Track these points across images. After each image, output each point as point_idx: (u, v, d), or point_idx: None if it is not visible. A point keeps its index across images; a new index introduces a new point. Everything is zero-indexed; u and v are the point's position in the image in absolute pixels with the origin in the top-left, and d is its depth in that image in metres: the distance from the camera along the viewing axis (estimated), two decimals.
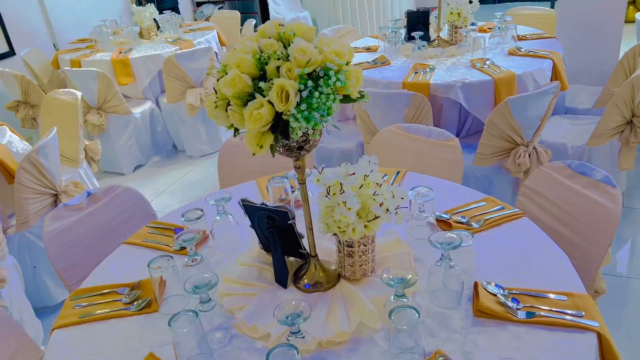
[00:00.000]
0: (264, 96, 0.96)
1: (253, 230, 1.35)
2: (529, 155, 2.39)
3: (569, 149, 2.60)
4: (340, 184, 1.19)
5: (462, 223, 1.46)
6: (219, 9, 6.58)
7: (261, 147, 0.98)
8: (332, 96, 0.96)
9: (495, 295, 1.17)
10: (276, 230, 1.28)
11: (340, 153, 2.92)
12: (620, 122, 2.47)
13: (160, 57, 3.87)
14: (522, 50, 2.85)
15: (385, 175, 1.80)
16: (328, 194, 1.22)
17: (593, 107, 2.99)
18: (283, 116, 0.95)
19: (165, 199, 3.65)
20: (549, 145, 2.62)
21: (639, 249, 2.58)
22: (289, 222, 1.25)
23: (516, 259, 1.31)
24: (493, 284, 1.20)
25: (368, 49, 3.25)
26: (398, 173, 1.80)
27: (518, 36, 3.05)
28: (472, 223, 1.46)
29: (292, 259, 1.36)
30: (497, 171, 2.52)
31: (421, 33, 2.98)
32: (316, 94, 0.94)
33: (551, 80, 2.70)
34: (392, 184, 1.75)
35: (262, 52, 1.01)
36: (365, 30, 5.93)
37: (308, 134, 1.05)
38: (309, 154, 1.14)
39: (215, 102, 1.03)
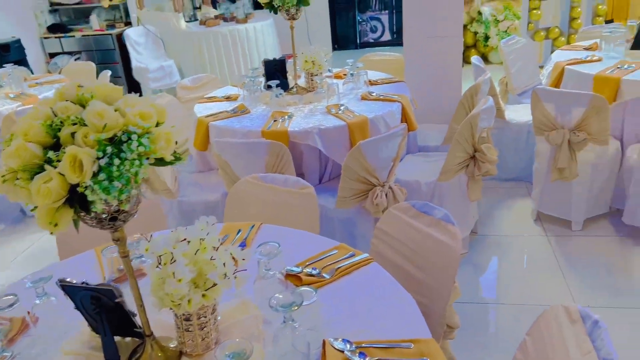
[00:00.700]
0: (55, 167, 0.84)
1: None
2: (386, 195, 2.47)
3: (423, 185, 2.74)
4: (171, 252, 1.09)
5: (313, 275, 1.42)
6: (75, 60, 6.21)
7: (56, 225, 0.85)
8: (137, 162, 0.87)
9: (342, 351, 1.13)
10: (103, 311, 1.13)
11: (205, 206, 2.80)
12: (464, 157, 2.65)
13: None
14: (374, 94, 2.99)
15: (239, 230, 1.74)
16: (159, 263, 1.12)
17: (442, 144, 3.21)
18: (78, 188, 0.84)
19: (13, 272, 3.23)
20: (405, 183, 2.73)
21: (500, 274, 2.75)
22: (117, 300, 1.11)
23: (365, 308, 1.29)
24: (340, 339, 1.16)
25: (228, 98, 3.21)
26: (253, 227, 1.74)
27: (370, 81, 3.20)
28: (323, 274, 1.43)
29: (128, 339, 1.22)
30: (359, 212, 2.57)
31: (277, 81, 3.01)
32: (117, 161, 0.85)
33: (401, 122, 2.85)
34: (245, 239, 1.69)
35: (56, 117, 0.90)
36: (234, 78, 5.93)
37: (118, 204, 0.95)
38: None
39: (2, 176, 0.89)
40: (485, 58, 6.51)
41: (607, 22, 6.60)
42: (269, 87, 3.08)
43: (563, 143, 2.77)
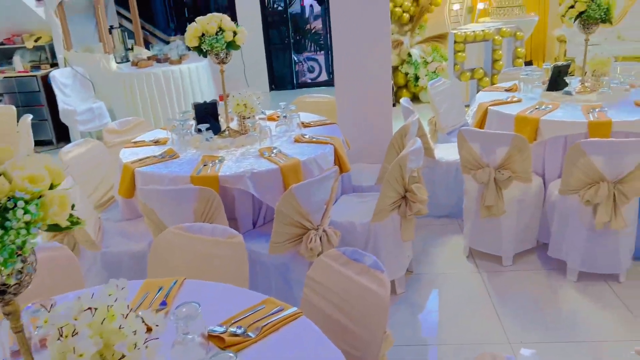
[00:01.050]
0: None
1: None
2: (320, 239, 2.44)
3: (357, 226, 2.73)
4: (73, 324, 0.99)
5: (237, 335, 1.35)
6: None
7: None
8: (24, 231, 0.79)
9: None
10: None
11: (131, 257, 2.64)
12: (396, 197, 2.68)
13: None
14: (307, 137, 2.99)
15: (160, 287, 1.64)
16: (61, 336, 1.01)
17: (376, 184, 3.24)
18: None
19: None
20: (339, 225, 2.71)
21: (436, 314, 2.75)
22: None
23: None
24: None
25: (157, 142, 3.11)
26: (175, 283, 1.64)
27: (303, 123, 3.21)
28: (249, 333, 1.36)
29: None
30: (294, 257, 2.51)
31: (207, 125, 2.95)
32: None
33: (334, 164, 2.85)
34: (167, 297, 1.59)
35: None
36: (167, 121, 5.80)
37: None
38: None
39: None
40: (416, 97, 6.76)
41: (527, 63, 7.08)
42: (200, 130, 3.02)
43: (489, 181, 2.86)
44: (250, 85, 7.85)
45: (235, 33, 2.85)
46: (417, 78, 6.63)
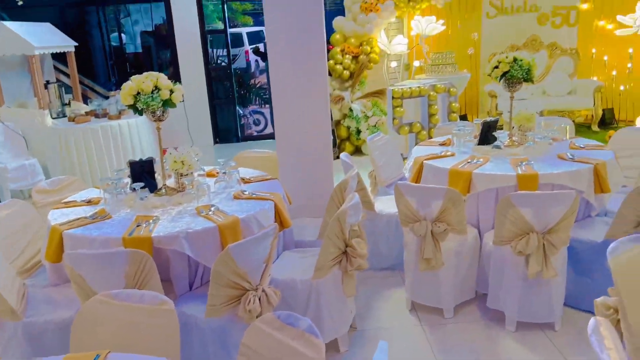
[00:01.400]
0: None
1: None
2: (259, 299, 2.37)
3: (298, 283, 2.69)
4: None
5: None
6: None
7: None
8: None
9: None
10: None
11: (57, 326, 2.46)
12: (337, 252, 2.67)
13: None
14: (246, 193, 2.97)
15: None
16: None
17: (317, 239, 3.22)
18: None
19: None
20: (280, 282, 2.66)
21: None
22: None
23: None
24: None
25: (89, 202, 2.98)
26: (97, 357, 1.53)
27: (242, 179, 3.19)
28: None
29: None
30: (232, 320, 2.42)
31: (142, 183, 2.88)
32: None
33: (275, 220, 2.83)
34: None
35: None
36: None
37: None
38: None
39: None
40: (359, 150, 6.91)
41: (462, 117, 7.45)
42: (135, 189, 2.93)
43: (427, 234, 2.91)
44: (194, 139, 7.80)
45: (172, 91, 2.84)
46: (359, 131, 6.80)
